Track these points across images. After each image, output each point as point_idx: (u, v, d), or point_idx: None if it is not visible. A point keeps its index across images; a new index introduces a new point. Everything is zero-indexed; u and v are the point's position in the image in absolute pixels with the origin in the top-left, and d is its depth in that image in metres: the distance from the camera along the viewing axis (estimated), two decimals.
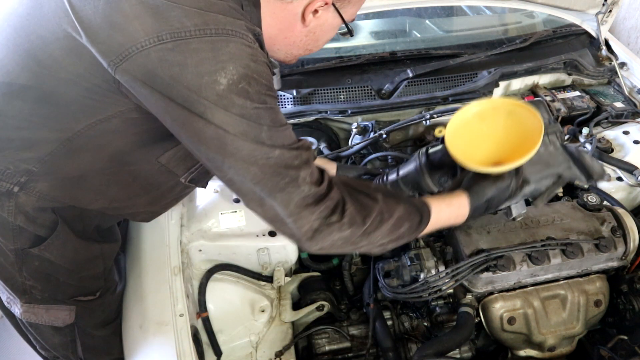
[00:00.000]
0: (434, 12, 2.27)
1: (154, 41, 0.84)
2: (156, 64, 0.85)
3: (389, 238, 1.06)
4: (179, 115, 0.88)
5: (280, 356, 1.50)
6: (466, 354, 1.48)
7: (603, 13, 1.99)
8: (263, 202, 0.94)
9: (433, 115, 1.75)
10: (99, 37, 0.87)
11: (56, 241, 1.11)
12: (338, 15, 1.06)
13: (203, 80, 0.85)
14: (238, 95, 0.87)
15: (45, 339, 1.29)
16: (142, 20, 0.85)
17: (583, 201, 1.44)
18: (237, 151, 0.89)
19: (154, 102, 0.89)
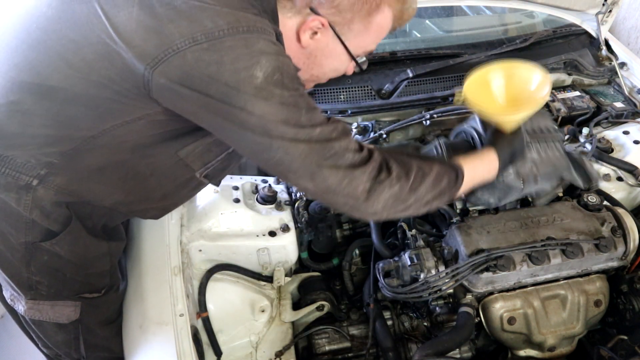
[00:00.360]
0: (434, 12, 2.27)
1: (189, 42, 0.88)
2: (193, 64, 0.88)
3: (432, 193, 1.10)
4: (220, 110, 0.92)
5: (280, 356, 1.51)
6: (466, 354, 1.48)
7: (603, 13, 1.99)
8: (314, 176, 0.99)
9: (433, 115, 1.75)
10: (135, 41, 0.90)
11: (68, 236, 1.13)
12: (339, 41, 1.06)
13: (241, 75, 0.90)
14: (275, 86, 0.92)
15: (48, 337, 1.30)
16: (177, 23, 0.89)
17: (583, 201, 1.44)
18: (283, 134, 0.94)
19: (192, 102, 0.93)
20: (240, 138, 0.98)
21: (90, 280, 1.25)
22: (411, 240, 1.46)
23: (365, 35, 1.09)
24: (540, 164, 1.36)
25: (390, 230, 1.69)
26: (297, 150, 0.96)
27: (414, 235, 1.47)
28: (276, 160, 0.98)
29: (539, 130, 1.39)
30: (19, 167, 1.03)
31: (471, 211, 1.45)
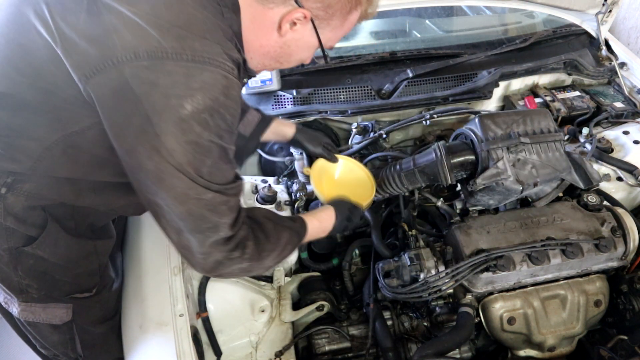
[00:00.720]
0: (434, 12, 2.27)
1: (130, 57, 0.85)
2: (128, 78, 0.85)
3: (276, 261, 1.16)
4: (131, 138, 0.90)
5: (280, 356, 1.50)
6: (466, 354, 1.48)
7: (603, 13, 1.99)
8: (181, 235, 0.99)
9: (433, 115, 1.75)
10: (77, 49, 0.87)
11: (47, 239, 1.11)
12: (315, 34, 1.06)
13: (170, 102, 0.86)
14: (198, 124, 0.89)
15: (44, 338, 1.29)
16: (121, 34, 0.85)
17: (583, 201, 1.44)
18: (173, 187, 0.92)
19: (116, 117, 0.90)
20: (134, 173, 0.95)
21: (80, 280, 1.23)
22: (411, 240, 1.46)
23: (339, 30, 1.10)
24: (540, 167, 1.36)
25: (390, 230, 1.69)
26: (178, 210, 0.94)
27: (414, 235, 1.47)
28: (154, 206, 0.97)
29: (539, 131, 1.39)
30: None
31: (471, 211, 1.45)
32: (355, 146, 1.74)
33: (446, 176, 1.39)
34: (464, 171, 1.42)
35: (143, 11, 0.87)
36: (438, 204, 1.52)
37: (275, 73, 1.75)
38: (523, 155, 1.36)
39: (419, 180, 1.47)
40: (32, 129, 0.98)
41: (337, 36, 1.12)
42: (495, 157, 1.35)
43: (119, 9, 0.86)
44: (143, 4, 0.88)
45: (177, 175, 0.90)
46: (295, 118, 1.80)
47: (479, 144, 1.37)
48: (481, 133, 1.38)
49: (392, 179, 1.50)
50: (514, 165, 1.35)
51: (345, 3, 1.04)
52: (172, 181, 0.91)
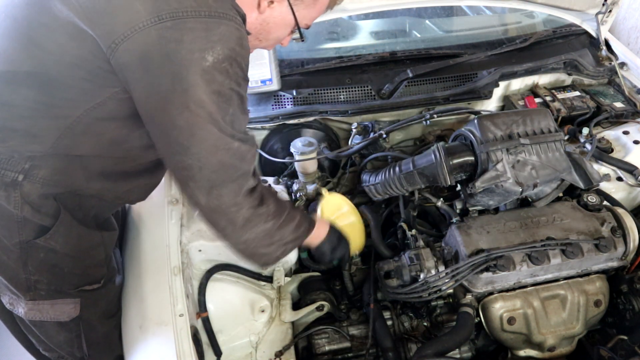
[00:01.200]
0: (434, 12, 2.27)
1: (154, 20, 0.92)
2: (155, 40, 0.92)
3: (292, 236, 1.23)
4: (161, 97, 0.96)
5: (280, 356, 1.50)
6: (466, 354, 1.48)
7: (603, 13, 1.99)
8: (211, 192, 1.05)
9: (433, 115, 1.75)
10: (103, 19, 0.93)
11: (61, 228, 1.14)
12: (291, 12, 1.14)
13: (194, 56, 0.94)
14: (219, 73, 0.97)
15: (49, 338, 1.30)
16: (143, 1, 0.92)
17: (583, 201, 1.44)
18: (205, 139, 0.99)
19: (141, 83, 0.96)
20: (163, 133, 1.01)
21: (89, 271, 1.26)
22: (411, 240, 1.46)
23: (312, 9, 1.17)
24: (539, 168, 1.36)
25: (390, 230, 1.69)
26: (212, 161, 1.02)
27: (414, 235, 1.47)
28: (185, 165, 1.02)
29: (539, 132, 1.39)
30: (3, 163, 1.04)
31: (471, 211, 1.45)
32: (355, 146, 1.74)
33: (445, 178, 1.39)
34: (463, 173, 1.42)
35: None
36: (438, 204, 1.52)
37: (275, 73, 1.75)
38: (523, 156, 1.36)
39: (419, 181, 1.47)
40: (56, 106, 1.02)
41: (311, 15, 1.19)
42: (495, 159, 1.35)
43: None
44: None
45: (207, 128, 0.98)
46: (295, 118, 1.80)
47: (478, 146, 1.37)
48: (480, 134, 1.37)
49: (392, 181, 1.50)
50: (514, 167, 1.35)
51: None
52: (203, 134, 0.98)
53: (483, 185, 1.34)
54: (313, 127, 1.87)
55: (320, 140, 1.85)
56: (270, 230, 1.16)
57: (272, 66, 1.73)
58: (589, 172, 1.41)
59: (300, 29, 1.19)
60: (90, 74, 0.98)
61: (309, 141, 1.73)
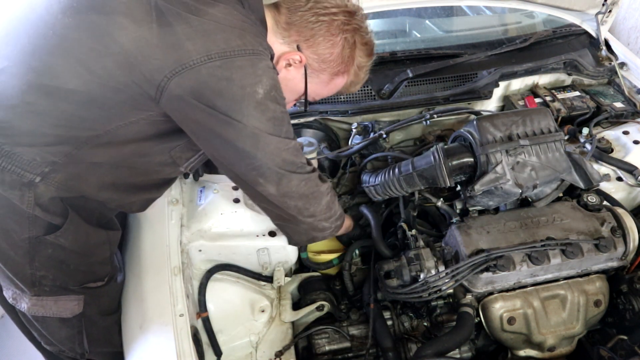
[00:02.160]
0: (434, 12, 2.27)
1: (204, 59, 1.00)
2: (206, 78, 1.01)
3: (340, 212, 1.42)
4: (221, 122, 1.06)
5: (280, 356, 1.50)
6: (466, 354, 1.48)
7: (603, 13, 1.99)
8: (281, 180, 1.19)
9: (433, 115, 1.75)
10: (155, 54, 1.00)
11: (70, 226, 1.17)
12: (304, 81, 1.26)
13: (246, 90, 1.05)
14: (271, 101, 1.09)
15: (51, 333, 1.32)
16: (194, 41, 1.01)
17: (583, 201, 1.44)
18: (267, 145, 1.12)
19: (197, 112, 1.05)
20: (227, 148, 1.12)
21: (94, 268, 1.29)
22: (411, 240, 1.46)
23: (324, 87, 1.31)
24: (539, 169, 1.36)
25: (390, 230, 1.69)
26: (276, 159, 1.15)
27: (414, 235, 1.47)
28: (254, 167, 1.15)
29: (539, 132, 1.39)
30: (25, 164, 1.07)
31: (471, 211, 1.45)
32: (355, 146, 1.74)
33: (445, 180, 1.39)
34: (462, 174, 1.42)
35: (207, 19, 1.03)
36: (438, 204, 1.52)
37: None
38: (522, 157, 1.36)
39: (418, 183, 1.46)
40: (90, 120, 1.08)
41: (320, 92, 1.33)
42: (494, 161, 1.35)
43: (186, 20, 1.01)
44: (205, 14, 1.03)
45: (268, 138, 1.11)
46: (295, 118, 1.81)
47: (478, 148, 1.37)
48: (479, 136, 1.37)
49: (392, 183, 1.50)
50: (513, 169, 1.35)
51: (337, 64, 1.25)
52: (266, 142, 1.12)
53: (482, 189, 1.34)
54: (313, 127, 1.88)
55: (320, 140, 1.85)
56: (329, 202, 1.34)
57: None
58: (589, 172, 1.40)
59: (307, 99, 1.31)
60: (131, 98, 1.05)
61: (309, 141, 1.73)
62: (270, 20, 1.18)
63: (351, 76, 1.31)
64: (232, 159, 1.16)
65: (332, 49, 1.22)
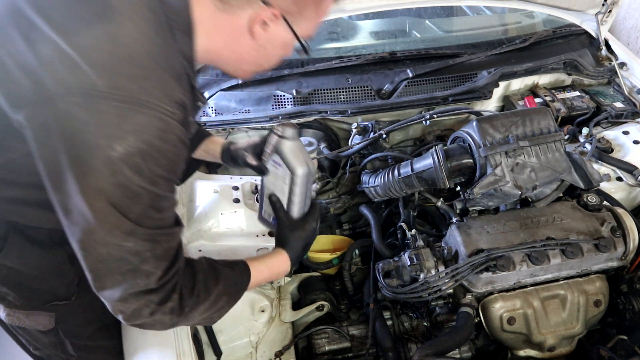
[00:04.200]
0: (434, 12, 2.27)
1: (62, 92, 0.81)
2: (61, 114, 0.82)
3: (208, 313, 1.09)
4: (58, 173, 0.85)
5: (280, 356, 1.51)
6: (466, 354, 1.48)
7: (603, 13, 1.99)
8: (97, 277, 0.91)
9: (433, 115, 1.75)
10: (11, 78, 0.84)
11: (12, 250, 1.08)
12: (290, 30, 1.01)
13: (100, 142, 0.82)
14: (129, 167, 0.83)
15: (35, 340, 1.29)
16: (55, 68, 0.82)
17: (583, 201, 1.44)
18: (92, 231, 0.86)
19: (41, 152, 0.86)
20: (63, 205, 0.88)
21: (57, 290, 1.20)
22: (411, 240, 1.46)
23: (314, 20, 1.04)
24: (539, 170, 1.36)
25: (390, 230, 1.69)
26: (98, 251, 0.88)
27: (414, 235, 1.47)
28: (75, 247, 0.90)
29: (538, 132, 1.39)
30: None
31: (471, 211, 1.45)
32: (355, 146, 1.74)
33: (444, 181, 1.39)
34: (462, 176, 1.42)
35: (81, 44, 0.82)
36: (438, 204, 1.52)
37: None
38: (522, 158, 1.36)
39: (417, 185, 1.47)
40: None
41: (314, 25, 1.06)
42: (494, 163, 1.35)
43: (55, 41, 0.82)
44: (82, 36, 0.83)
45: (98, 219, 0.85)
46: (295, 118, 1.80)
47: (477, 150, 1.37)
48: (479, 138, 1.37)
49: (391, 184, 1.50)
50: (513, 170, 1.35)
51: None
52: (92, 225, 0.85)
53: (481, 191, 1.34)
54: (313, 127, 1.88)
55: (320, 140, 1.85)
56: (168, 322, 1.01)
57: None
58: (589, 172, 1.40)
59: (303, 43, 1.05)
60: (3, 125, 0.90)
61: (309, 141, 1.73)
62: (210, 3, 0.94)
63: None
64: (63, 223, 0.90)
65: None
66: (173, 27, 0.91)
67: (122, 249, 0.88)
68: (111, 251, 0.88)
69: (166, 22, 0.90)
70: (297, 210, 1.26)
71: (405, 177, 1.47)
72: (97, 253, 0.88)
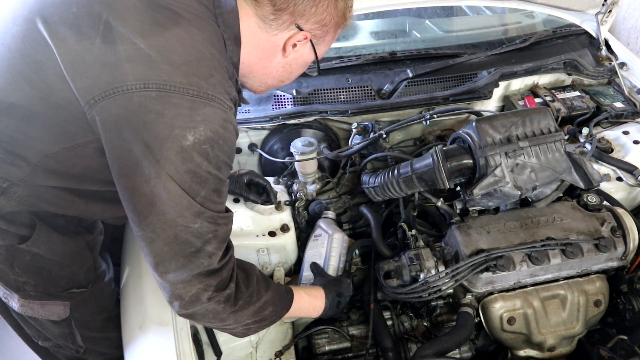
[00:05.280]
0: (434, 12, 2.27)
1: (140, 86, 0.90)
2: (136, 106, 0.90)
3: (253, 319, 1.15)
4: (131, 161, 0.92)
5: (280, 356, 1.50)
6: (466, 354, 1.48)
7: (603, 13, 1.99)
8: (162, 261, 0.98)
9: (433, 115, 1.75)
10: (87, 73, 0.92)
11: (40, 237, 1.14)
12: (313, 51, 1.17)
13: (174, 132, 0.91)
14: (199, 154, 0.93)
15: (45, 330, 1.33)
16: (134, 65, 0.91)
17: (583, 201, 1.44)
18: (164, 213, 0.94)
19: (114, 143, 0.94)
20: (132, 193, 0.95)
21: (76, 276, 1.26)
22: (411, 240, 1.46)
23: (330, 43, 1.21)
24: (539, 170, 1.36)
25: (390, 230, 1.69)
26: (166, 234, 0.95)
27: (414, 235, 1.47)
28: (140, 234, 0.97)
29: (539, 132, 1.39)
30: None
31: (471, 211, 1.45)
32: (355, 146, 1.74)
33: (444, 182, 1.39)
34: (461, 176, 1.42)
35: (156, 45, 0.93)
36: (438, 204, 1.52)
37: None
38: (522, 159, 1.36)
39: (417, 185, 1.46)
40: (37, 139, 1.01)
41: (328, 48, 1.23)
42: (493, 164, 1.35)
43: (133, 40, 0.92)
44: (157, 37, 0.93)
45: (169, 202, 0.93)
46: (295, 118, 1.80)
47: (477, 151, 1.37)
48: (478, 139, 1.37)
49: (391, 185, 1.50)
50: (512, 171, 1.35)
51: (338, 19, 1.14)
52: (164, 207, 0.93)
53: (481, 192, 1.34)
54: (313, 127, 1.88)
55: (320, 140, 1.85)
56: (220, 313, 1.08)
57: None
58: (589, 172, 1.40)
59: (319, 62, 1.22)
60: (74, 116, 0.96)
61: (309, 141, 1.73)
62: (254, 19, 1.07)
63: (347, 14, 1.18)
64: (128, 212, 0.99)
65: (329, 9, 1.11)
66: (224, 37, 1.04)
67: (188, 230, 0.96)
68: (179, 233, 0.96)
69: (220, 32, 1.03)
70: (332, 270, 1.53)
71: (405, 178, 1.47)
72: (166, 236, 0.96)
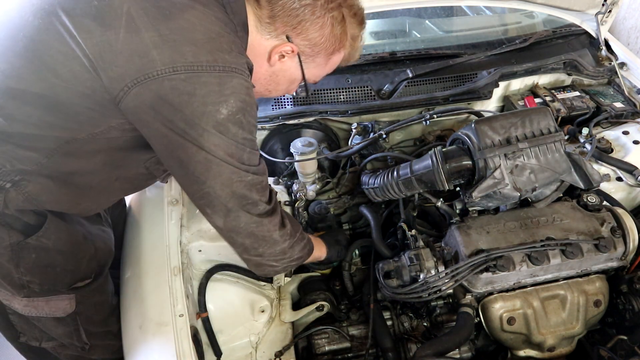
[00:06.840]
0: (434, 12, 2.27)
1: (169, 71, 0.96)
2: (168, 90, 0.97)
3: (300, 254, 1.32)
4: (175, 139, 1.01)
5: (280, 356, 1.51)
6: (466, 354, 1.48)
7: (603, 13, 1.99)
8: (229, 214, 1.12)
9: (433, 115, 1.75)
10: (117, 61, 0.96)
11: (51, 225, 1.17)
12: (300, 69, 1.20)
13: (207, 108, 0.99)
14: (234, 124, 1.03)
15: (49, 330, 1.32)
16: (160, 50, 0.96)
17: (583, 201, 1.44)
18: (219, 172, 1.06)
19: (155, 124, 1.01)
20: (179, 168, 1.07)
21: (81, 267, 1.28)
22: (411, 241, 1.46)
23: (322, 68, 1.25)
24: (538, 171, 1.35)
25: (390, 230, 1.69)
26: (225, 192, 1.08)
27: (414, 235, 1.47)
28: (201, 194, 1.09)
29: (538, 133, 1.38)
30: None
31: (471, 211, 1.45)
32: (355, 146, 1.74)
33: (443, 183, 1.39)
34: (461, 178, 1.42)
35: (178, 27, 0.98)
36: (438, 204, 1.52)
37: None
38: (521, 160, 1.35)
39: (417, 187, 1.46)
40: (59, 127, 1.05)
41: (320, 73, 1.27)
42: (493, 166, 1.34)
43: (156, 27, 0.97)
44: (177, 20, 0.98)
45: (221, 165, 1.05)
46: (295, 118, 1.81)
47: (476, 152, 1.36)
48: (477, 140, 1.36)
49: (390, 186, 1.50)
50: (512, 172, 1.34)
51: (330, 44, 1.18)
52: (218, 169, 1.05)
53: (480, 195, 1.33)
54: (313, 127, 1.88)
55: (320, 140, 1.85)
56: (285, 248, 1.24)
57: None
58: (589, 172, 1.39)
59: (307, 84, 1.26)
60: (99, 105, 1.01)
61: (309, 141, 1.73)
62: (253, 17, 1.12)
63: (347, 49, 1.24)
64: (184, 181, 1.11)
65: (322, 31, 1.15)
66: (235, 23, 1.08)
67: (243, 184, 1.09)
68: (235, 189, 1.09)
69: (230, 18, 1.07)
70: None
71: (405, 179, 1.46)
72: (226, 193, 1.08)
